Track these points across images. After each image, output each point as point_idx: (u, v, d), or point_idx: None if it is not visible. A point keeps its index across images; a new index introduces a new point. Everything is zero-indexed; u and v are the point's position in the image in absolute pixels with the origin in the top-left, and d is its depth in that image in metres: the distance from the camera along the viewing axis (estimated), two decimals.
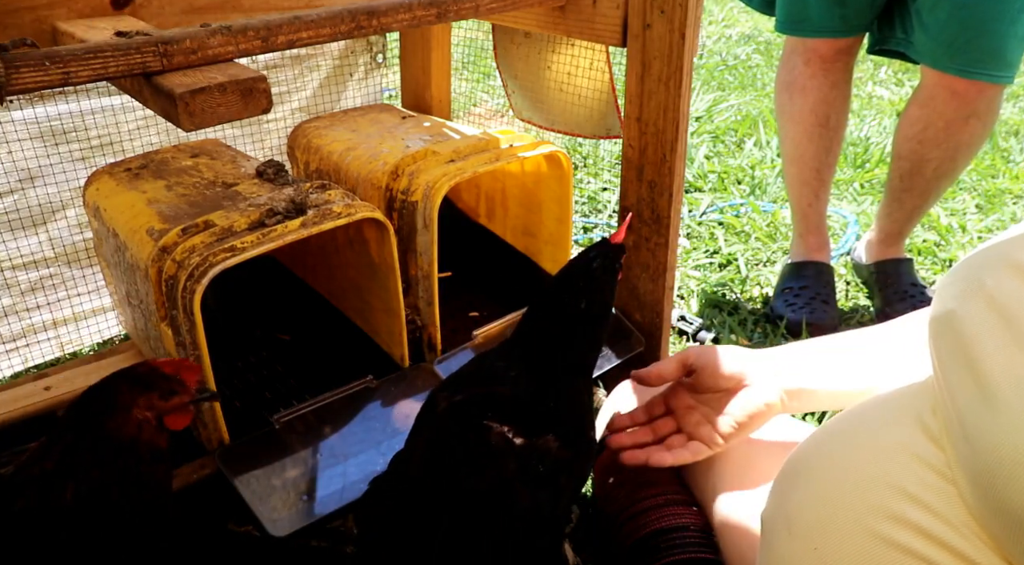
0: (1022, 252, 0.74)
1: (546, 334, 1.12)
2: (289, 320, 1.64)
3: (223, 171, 1.44)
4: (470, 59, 2.30)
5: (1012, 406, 0.68)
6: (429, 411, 1.12)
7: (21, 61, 0.87)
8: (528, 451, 1.01)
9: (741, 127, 3.36)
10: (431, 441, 1.07)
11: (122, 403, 0.98)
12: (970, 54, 1.77)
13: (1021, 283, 0.72)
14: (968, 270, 0.80)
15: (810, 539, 0.83)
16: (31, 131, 1.59)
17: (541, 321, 1.14)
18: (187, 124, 0.93)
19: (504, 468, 0.99)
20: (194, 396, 1.04)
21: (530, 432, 1.02)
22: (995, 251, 0.79)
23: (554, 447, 1.02)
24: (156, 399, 1.00)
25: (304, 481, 1.25)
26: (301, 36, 1.08)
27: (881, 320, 2.03)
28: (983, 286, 0.76)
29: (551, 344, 1.11)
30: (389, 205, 1.45)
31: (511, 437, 1.01)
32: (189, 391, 1.03)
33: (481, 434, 1.01)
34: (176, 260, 1.17)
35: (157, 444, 1.00)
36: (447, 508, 0.98)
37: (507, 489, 0.99)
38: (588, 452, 1.12)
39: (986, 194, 2.79)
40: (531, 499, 1.00)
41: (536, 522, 1.01)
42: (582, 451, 1.09)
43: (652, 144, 1.44)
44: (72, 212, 1.68)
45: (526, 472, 1.00)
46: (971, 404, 0.72)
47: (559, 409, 1.07)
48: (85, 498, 0.94)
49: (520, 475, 0.99)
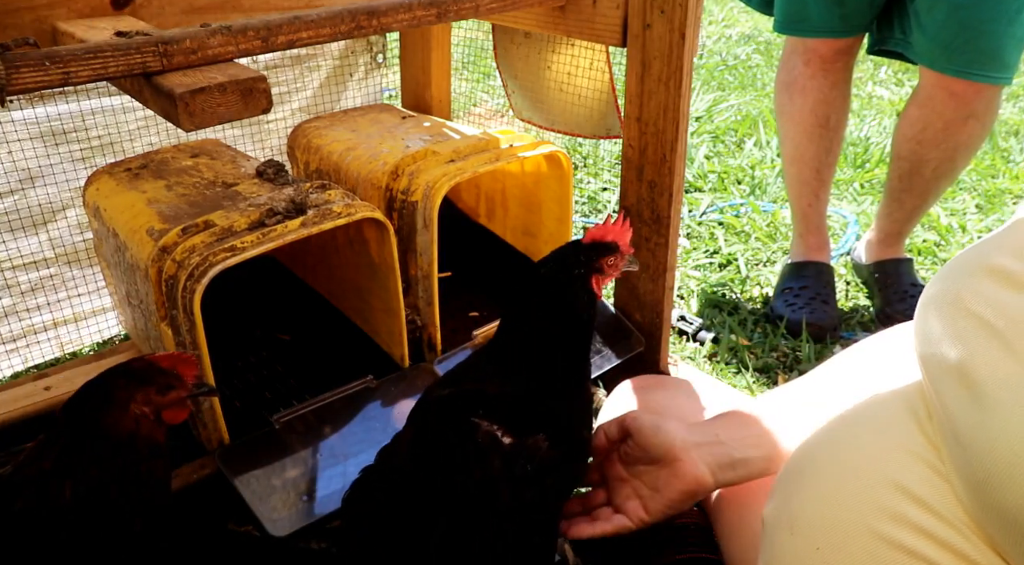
0: (999, 255, 0.75)
1: (522, 338, 1.09)
2: (289, 320, 1.64)
3: (223, 171, 1.44)
4: (470, 59, 2.31)
5: (1002, 407, 0.68)
6: (418, 408, 1.12)
7: (21, 61, 0.87)
8: (515, 450, 1.00)
9: (741, 127, 3.36)
10: (417, 436, 1.07)
11: (119, 399, 0.98)
12: (968, 55, 1.77)
13: (998, 286, 0.73)
14: (948, 275, 0.80)
15: (812, 538, 0.83)
16: (31, 131, 1.59)
17: (514, 324, 1.11)
18: (187, 124, 0.93)
19: (490, 466, 0.98)
20: (191, 391, 1.03)
21: (518, 430, 1.01)
22: (974, 254, 0.79)
23: (543, 446, 1.01)
24: (153, 394, 0.99)
25: (304, 481, 1.25)
26: (301, 36, 1.08)
27: (881, 320, 2.03)
28: (961, 291, 0.76)
29: (527, 347, 1.08)
30: (389, 205, 1.45)
31: (498, 435, 1.00)
32: (186, 385, 1.02)
33: (466, 431, 1.01)
34: (176, 260, 1.17)
35: (155, 439, 1.00)
36: (437, 506, 0.98)
37: (492, 487, 0.98)
38: (580, 451, 1.10)
39: (986, 194, 2.79)
40: (516, 498, 0.99)
41: (525, 521, 1.00)
42: (573, 450, 1.07)
43: (652, 144, 1.44)
44: (72, 213, 1.69)
45: (512, 470, 0.99)
46: (961, 408, 0.72)
47: (549, 406, 1.05)
48: (84, 497, 0.93)
49: (506, 473, 0.98)
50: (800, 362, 1.88)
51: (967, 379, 0.72)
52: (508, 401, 1.04)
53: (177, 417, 1.03)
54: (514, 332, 1.10)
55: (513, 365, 1.07)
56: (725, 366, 1.86)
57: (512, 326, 1.11)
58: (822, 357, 1.89)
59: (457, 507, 0.98)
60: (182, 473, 1.27)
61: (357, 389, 1.39)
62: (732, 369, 1.85)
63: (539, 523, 1.03)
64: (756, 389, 1.78)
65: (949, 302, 0.77)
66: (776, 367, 1.87)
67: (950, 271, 0.81)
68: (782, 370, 1.86)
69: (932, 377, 0.79)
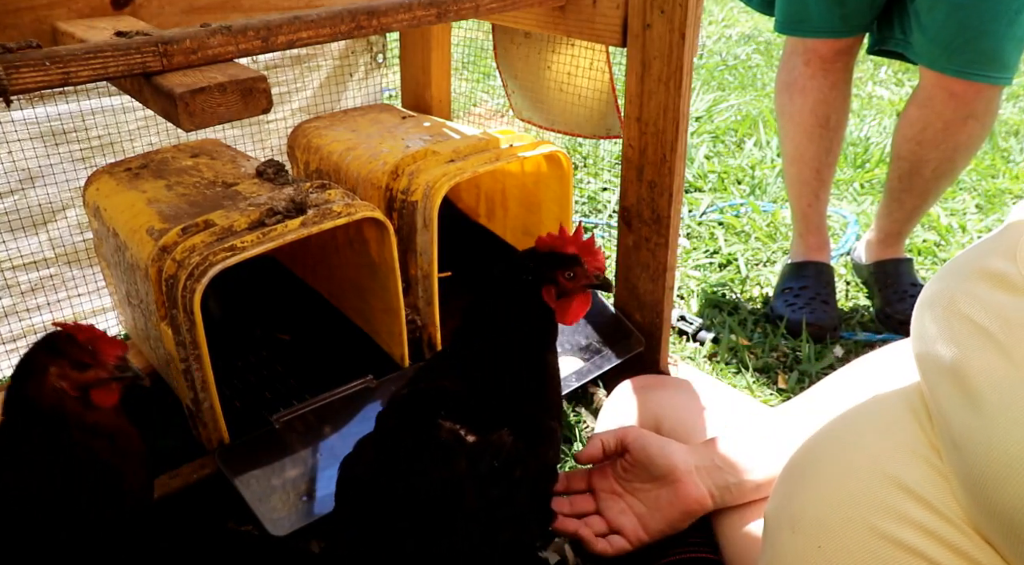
0: (993, 258, 0.75)
1: (480, 336, 1.07)
2: (289, 320, 1.64)
3: (223, 171, 1.44)
4: (470, 59, 2.31)
5: (996, 409, 0.68)
6: (383, 412, 1.09)
7: (22, 61, 0.87)
8: (480, 447, 0.97)
9: (741, 127, 3.36)
10: (378, 441, 1.04)
11: (37, 367, 0.95)
12: (967, 55, 1.77)
13: (992, 289, 0.73)
14: (944, 277, 0.81)
15: (814, 537, 0.83)
16: (31, 131, 1.59)
17: (472, 322, 1.09)
18: (187, 124, 0.93)
19: (455, 467, 0.96)
20: (112, 373, 0.97)
21: (481, 426, 0.98)
22: (969, 257, 0.79)
23: (508, 440, 0.98)
24: (67, 367, 0.95)
25: (304, 481, 1.25)
26: (301, 36, 1.08)
27: (881, 320, 2.03)
28: (956, 294, 0.76)
29: (484, 345, 1.06)
30: (389, 205, 1.45)
31: (462, 434, 0.97)
32: (105, 366, 0.97)
33: (428, 432, 0.98)
34: (176, 259, 1.17)
35: (87, 420, 0.96)
36: (406, 513, 0.95)
37: (458, 489, 0.95)
38: (548, 440, 1.06)
39: (986, 194, 2.79)
40: (482, 497, 0.96)
41: (491, 519, 0.98)
42: (540, 440, 1.04)
43: (652, 144, 1.44)
44: (72, 212, 1.69)
45: (477, 468, 0.96)
46: (957, 411, 0.73)
47: (511, 400, 1.03)
48: (15, 480, 0.92)
49: (471, 472, 0.96)
50: (800, 362, 1.88)
51: (961, 381, 0.72)
52: (467, 398, 1.02)
53: (105, 400, 0.98)
54: (472, 330, 1.08)
55: (472, 362, 1.06)
56: (725, 366, 1.86)
57: (470, 324, 1.09)
58: (822, 357, 1.89)
59: (424, 512, 0.96)
60: (182, 473, 1.27)
61: (357, 389, 1.39)
62: (732, 369, 1.85)
63: (509, 520, 1.00)
64: (756, 389, 1.78)
65: (944, 304, 0.77)
66: (776, 367, 1.87)
67: (946, 273, 0.81)
68: (782, 370, 1.86)
69: (927, 377, 0.79)
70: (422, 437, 0.99)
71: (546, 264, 1.04)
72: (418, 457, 0.98)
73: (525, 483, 1.01)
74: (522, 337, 1.06)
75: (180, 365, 1.22)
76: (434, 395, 1.04)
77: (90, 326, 0.98)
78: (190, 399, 1.26)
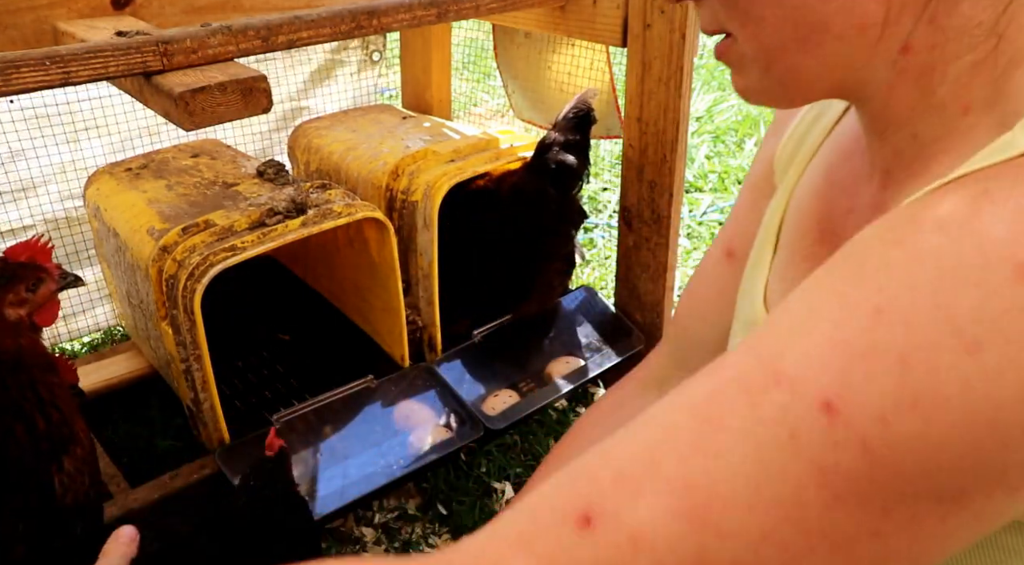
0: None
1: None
2: (289, 320, 1.64)
3: (223, 171, 1.45)
4: (470, 59, 2.31)
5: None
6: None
7: (22, 61, 0.87)
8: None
9: (741, 127, 3.36)
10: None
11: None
12: None
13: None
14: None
15: None
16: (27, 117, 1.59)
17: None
18: (187, 124, 0.93)
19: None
20: (59, 282, 0.94)
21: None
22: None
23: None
24: (24, 291, 0.91)
25: (304, 481, 1.25)
26: (301, 36, 1.08)
27: None
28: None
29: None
30: (389, 205, 1.45)
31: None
32: (53, 276, 0.94)
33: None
34: (176, 259, 1.17)
35: (40, 351, 0.92)
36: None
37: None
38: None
39: None
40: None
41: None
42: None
43: (652, 144, 1.44)
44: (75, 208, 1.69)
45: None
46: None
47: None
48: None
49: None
50: None
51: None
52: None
53: (48, 318, 0.94)
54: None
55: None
56: None
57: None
58: None
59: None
60: (182, 473, 1.27)
61: (357, 389, 1.39)
62: None
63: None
64: None
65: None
66: None
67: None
68: None
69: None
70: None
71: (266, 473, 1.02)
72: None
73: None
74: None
75: (180, 365, 1.22)
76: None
77: (19, 243, 0.94)
78: (190, 399, 1.26)
